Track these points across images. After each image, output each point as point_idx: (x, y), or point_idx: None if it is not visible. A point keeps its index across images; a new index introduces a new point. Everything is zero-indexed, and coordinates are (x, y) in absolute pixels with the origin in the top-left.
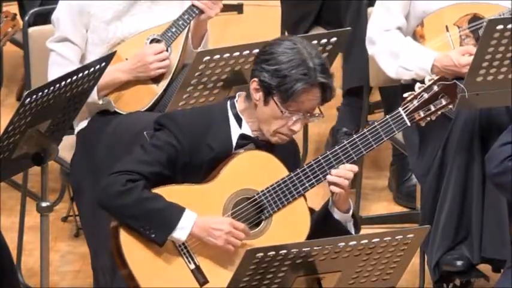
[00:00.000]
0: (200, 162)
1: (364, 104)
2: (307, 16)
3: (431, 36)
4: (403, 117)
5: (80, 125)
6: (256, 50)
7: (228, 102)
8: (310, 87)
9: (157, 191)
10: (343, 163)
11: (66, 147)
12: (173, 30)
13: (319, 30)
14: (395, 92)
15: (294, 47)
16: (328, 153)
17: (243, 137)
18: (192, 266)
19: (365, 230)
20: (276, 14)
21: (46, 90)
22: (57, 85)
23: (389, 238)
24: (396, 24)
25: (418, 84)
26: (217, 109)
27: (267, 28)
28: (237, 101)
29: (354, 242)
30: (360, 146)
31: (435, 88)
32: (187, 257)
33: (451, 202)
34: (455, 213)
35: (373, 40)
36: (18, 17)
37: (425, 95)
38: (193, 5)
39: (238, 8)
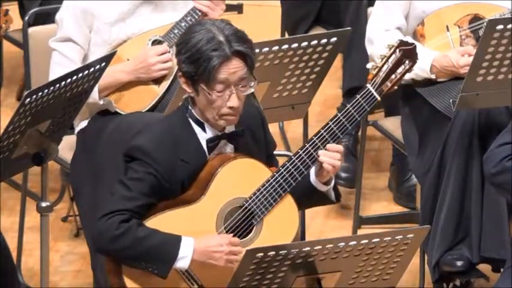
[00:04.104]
0: (180, 179)
1: None
2: (307, 16)
3: (431, 35)
4: (372, 93)
5: (80, 125)
6: (256, 50)
7: (187, 111)
8: (227, 60)
9: (151, 223)
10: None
11: (66, 147)
12: (175, 31)
13: (319, 30)
14: (395, 92)
15: (202, 28)
16: (307, 145)
17: (210, 140)
18: (195, 287)
19: (365, 230)
20: (276, 14)
21: (46, 90)
22: (57, 85)
23: (389, 238)
24: (396, 24)
25: (378, 55)
26: (178, 121)
27: (267, 28)
28: (190, 105)
29: (354, 242)
30: (336, 131)
31: (397, 54)
32: (189, 280)
33: (451, 202)
34: (455, 213)
35: (372, 40)
36: (12, 14)
37: (389, 64)
38: (195, 7)
39: (238, 8)
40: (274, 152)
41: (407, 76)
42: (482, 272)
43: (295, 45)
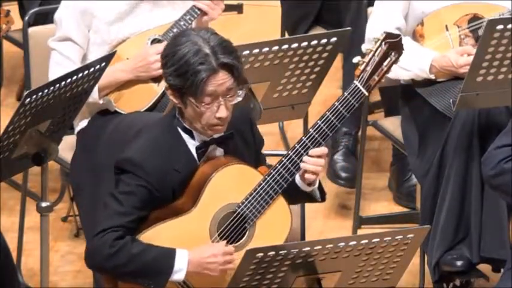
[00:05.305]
0: (172, 188)
1: (364, 104)
2: (307, 16)
3: (431, 35)
4: (360, 89)
5: (80, 124)
6: (256, 50)
7: (174, 120)
8: (214, 73)
9: (146, 236)
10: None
11: (66, 147)
12: (174, 30)
13: (319, 30)
14: (395, 92)
15: (187, 40)
16: (298, 146)
17: (199, 147)
18: None
19: (365, 230)
20: (276, 14)
21: (46, 90)
22: (57, 85)
23: (389, 238)
24: (395, 24)
25: (365, 49)
26: (166, 131)
27: (267, 28)
28: (178, 114)
29: (354, 242)
30: (325, 129)
31: (383, 47)
32: None
33: (451, 202)
34: (455, 213)
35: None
36: (12, 14)
37: (376, 58)
38: (195, 6)
39: (238, 8)
40: (273, 152)
41: (407, 76)
42: (482, 272)
43: (295, 45)
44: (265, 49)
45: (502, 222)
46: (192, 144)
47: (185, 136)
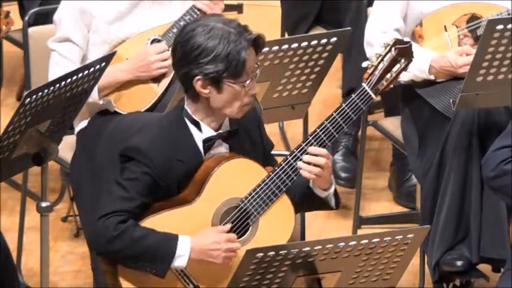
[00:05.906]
0: (176, 179)
1: None
2: (307, 16)
3: (430, 36)
4: (368, 93)
5: (80, 125)
6: None
7: (182, 111)
8: (249, 48)
9: (147, 223)
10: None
11: (66, 147)
12: (174, 30)
13: (319, 30)
14: (395, 92)
15: (209, 27)
16: (303, 144)
17: (206, 140)
18: (191, 287)
19: (365, 230)
20: (276, 14)
21: (46, 90)
22: (57, 85)
23: (389, 238)
24: (394, 26)
25: (375, 54)
26: (174, 122)
27: (267, 28)
28: (186, 105)
29: (354, 242)
30: (332, 131)
31: (393, 52)
32: (185, 280)
33: (450, 202)
34: (455, 213)
35: (371, 42)
36: (12, 14)
37: (385, 63)
38: (194, 6)
39: (238, 8)
40: (274, 152)
41: (407, 77)
42: (482, 272)
43: (295, 45)
44: (265, 49)
45: (501, 222)
46: (198, 137)
47: (192, 128)
